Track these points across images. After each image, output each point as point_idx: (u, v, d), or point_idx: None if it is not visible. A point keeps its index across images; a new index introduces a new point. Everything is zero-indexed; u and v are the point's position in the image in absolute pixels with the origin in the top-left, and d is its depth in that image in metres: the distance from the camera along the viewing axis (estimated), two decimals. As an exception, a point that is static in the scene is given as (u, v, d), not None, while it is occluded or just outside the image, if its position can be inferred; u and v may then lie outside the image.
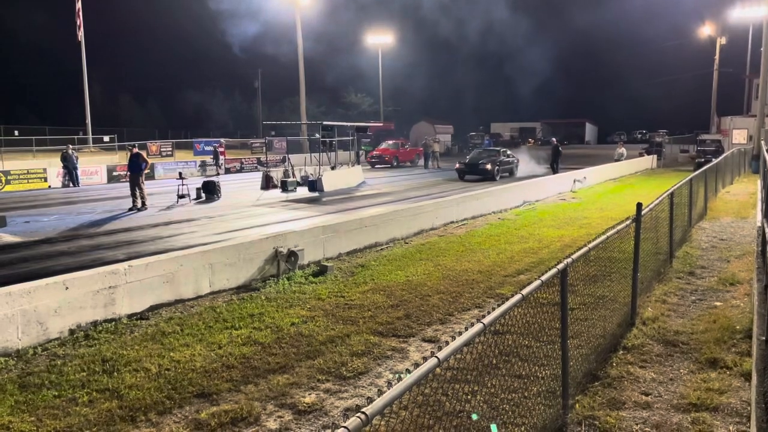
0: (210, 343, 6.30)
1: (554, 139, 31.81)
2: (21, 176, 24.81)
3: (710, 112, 53.07)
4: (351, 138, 27.42)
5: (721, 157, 22.28)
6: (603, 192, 21.47)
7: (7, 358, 5.88)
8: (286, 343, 6.33)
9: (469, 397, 4.71)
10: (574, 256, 4.54)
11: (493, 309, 3.32)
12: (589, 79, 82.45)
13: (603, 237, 5.40)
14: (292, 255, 9.06)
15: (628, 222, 6.29)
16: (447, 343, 2.82)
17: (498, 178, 24.54)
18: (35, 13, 64.07)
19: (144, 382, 5.37)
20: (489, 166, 24.94)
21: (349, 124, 29.02)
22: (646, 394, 5.05)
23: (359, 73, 62.59)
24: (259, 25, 45.62)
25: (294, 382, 5.39)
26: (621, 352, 5.93)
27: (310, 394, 5.17)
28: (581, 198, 19.50)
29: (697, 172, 13.73)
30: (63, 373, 5.55)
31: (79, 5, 39.78)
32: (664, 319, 6.87)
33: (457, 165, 26.18)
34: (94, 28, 43.48)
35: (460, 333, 2.92)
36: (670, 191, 8.97)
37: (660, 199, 8.20)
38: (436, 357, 2.60)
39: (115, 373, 5.56)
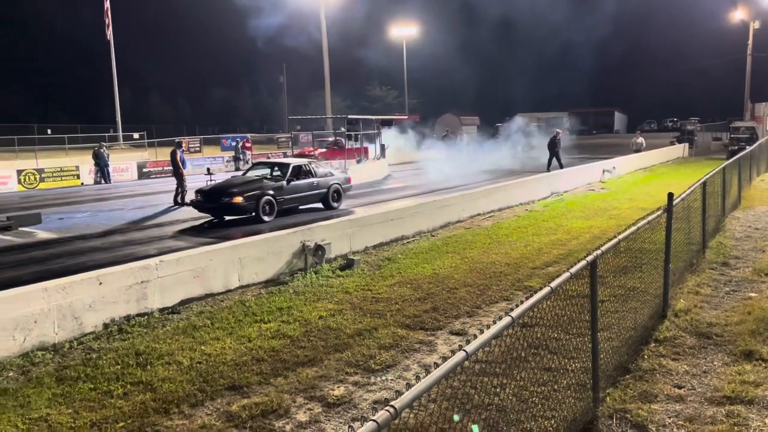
0: (240, 337, 6.39)
1: (557, 130, 26.53)
2: (55, 174, 25.39)
3: (743, 99, 51.70)
4: (376, 131, 27.37)
5: (755, 145, 21.72)
6: (633, 182, 21.13)
7: (44, 352, 6.04)
8: (314, 336, 6.38)
9: (498, 390, 4.69)
10: (603, 248, 4.49)
11: (522, 302, 3.30)
12: (617, 66, 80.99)
13: (633, 228, 5.32)
14: (319, 249, 9.12)
15: (659, 212, 6.19)
16: (475, 336, 2.82)
17: (268, 218, 13.89)
18: (66, 13, 65.32)
19: (176, 375, 5.47)
20: (240, 199, 13.51)
21: (374, 117, 29.00)
22: (679, 387, 4.97)
23: (384, 66, 62.45)
24: (282, 19, 45.79)
25: (323, 375, 5.44)
26: (653, 344, 5.84)
27: (338, 387, 5.21)
28: (610, 188, 19.21)
29: (730, 161, 13.42)
30: (98, 367, 5.68)
31: (107, 5, 40.43)
32: (697, 311, 6.74)
33: (194, 196, 14.50)
34: (122, 26, 44.16)
35: (488, 326, 2.91)
36: (702, 180, 8.79)
37: (692, 188, 8.04)
38: (464, 350, 2.59)
39: (149, 366, 5.67)
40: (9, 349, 5.88)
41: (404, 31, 57.21)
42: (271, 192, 14.19)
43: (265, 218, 13.89)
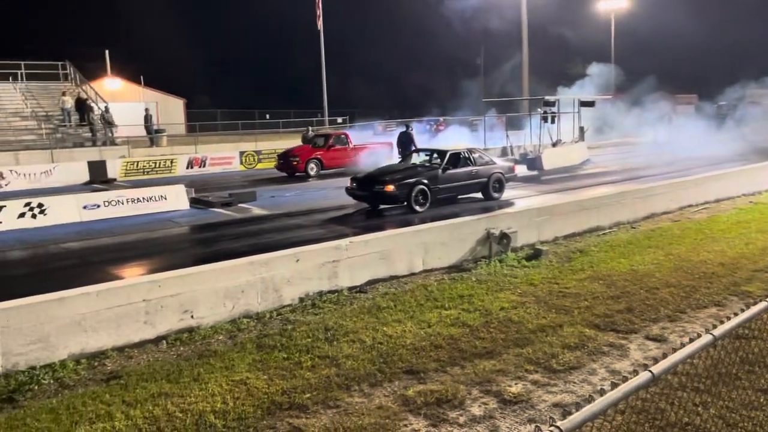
0: (420, 321, 6.47)
1: None
2: (270, 155, 28.10)
3: None
4: (575, 112, 25.90)
5: None
6: None
7: (249, 320, 6.72)
8: (494, 327, 6.23)
9: (699, 408, 4.18)
10: None
11: (736, 314, 2.84)
12: None
13: None
14: (504, 237, 8.89)
15: None
16: (674, 349, 2.48)
17: (420, 208, 13.34)
18: (283, 4, 71.62)
19: (359, 353, 5.71)
20: (392, 188, 13.15)
21: (572, 97, 27.48)
22: None
23: (588, 43, 58.76)
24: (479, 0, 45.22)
25: (500, 369, 5.28)
26: None
27: (516, 384, 5.02)
28: None
29: None
30: (292, 338, 6.14)
31: (319, -5, 43.41)
32: None
33: (349, 183, 14.42)
34: (330, 13, 47.16)
35: (683, 345, 2.54)
36: None
37: None
38: (650, 371, 2.29)
39: (335, 342, 6.00)
40: (221, 314, 6.64)
41: (612, 4, 53.24)
42: (425, 181, 13.57)
43: (417, 208, 13.34)
